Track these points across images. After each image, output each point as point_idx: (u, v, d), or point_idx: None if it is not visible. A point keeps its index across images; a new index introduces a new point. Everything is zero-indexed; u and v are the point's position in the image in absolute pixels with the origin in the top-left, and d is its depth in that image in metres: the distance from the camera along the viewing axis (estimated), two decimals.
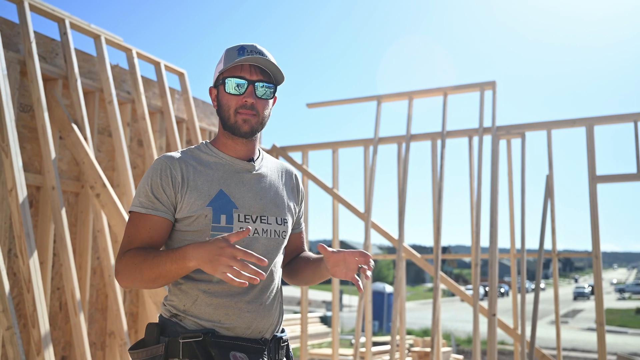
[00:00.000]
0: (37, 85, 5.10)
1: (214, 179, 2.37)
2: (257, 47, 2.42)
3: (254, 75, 2.40)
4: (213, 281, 2.30)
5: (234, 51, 2.41)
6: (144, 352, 2.32)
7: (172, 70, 7.07)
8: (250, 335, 2.34)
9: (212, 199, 2.33)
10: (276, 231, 2.45)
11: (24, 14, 5.21)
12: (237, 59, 2.36)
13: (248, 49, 2.40)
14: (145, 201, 2.32)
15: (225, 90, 2.40)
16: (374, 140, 8.25)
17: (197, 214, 2.31)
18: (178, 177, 2.33)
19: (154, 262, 2.21)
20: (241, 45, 2.42)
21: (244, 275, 2.04)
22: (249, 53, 2.39)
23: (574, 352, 19.91)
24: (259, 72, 2.41)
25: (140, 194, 2.35)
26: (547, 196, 7.50)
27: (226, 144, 2.46)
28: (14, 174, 4.66)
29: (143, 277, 2.23)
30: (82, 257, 5.63)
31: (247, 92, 2.38)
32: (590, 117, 7.28)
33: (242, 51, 2.39)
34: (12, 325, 4.31)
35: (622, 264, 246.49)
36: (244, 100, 2.38)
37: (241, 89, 2.38)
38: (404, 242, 7.83)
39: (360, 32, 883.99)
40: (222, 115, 2.43)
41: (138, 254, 2.25)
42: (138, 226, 2.32)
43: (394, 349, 7.37)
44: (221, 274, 2.05)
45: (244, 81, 2.38)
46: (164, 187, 2.32)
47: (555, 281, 7.64)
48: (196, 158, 2.43)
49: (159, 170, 2.34)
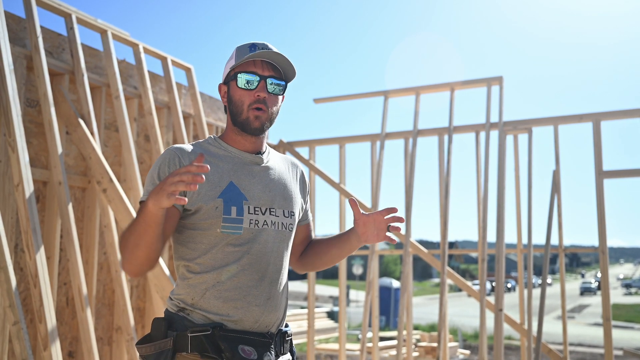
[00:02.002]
0: (44, 80, 5.11)
1: (224, 171, 2.38)
2: (269, 45, 2.44)
3: (265, 71, 2.42)
4: (222, 274, 2.31)
5: (245, 48, 2.43)
6: (151, 347, 2.32)
7: (179, 65, 7.07)
8: (258, 329, 2.34)
9: (222, 190, 2.34)
10: (284, 224, 2.46)
11: (30, 9, 5.21)
12: (248, 55, 2.38)
13: (260, 45, 2.42)
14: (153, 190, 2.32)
15: (237, 84, 2.41)
16: (381, 135, 8.24)
17: (208, 205, 2.31)
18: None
19: (131, 226, 2.20)
20: (253, 43, 2.44)
21: (188, 182, 1.99)
22: (261, 49, 2.41)
23: (580, 347, 19.89)
24: (271, 68, 2.44)
25: (149, 183, 2.35)
26: (554, 191, 7.47)
27: (235, 140, 2.48)
28: (20, 169, 4.66)
29: (129, 247, 2.21)
30: (89, 252, 5.64)
31: (259, 87, 2.40)
32: (597, 113, 7.25)
33: (254, 47, 2.42)
34: (19, 320, 4.32)
35: (628, 259, 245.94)
36: (257, 95, 2.40)
37: (253, 84, 2.40)
38: (411, 237, 7.82)
39: (369, 28, 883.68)
40: (234, 111, 2.44)
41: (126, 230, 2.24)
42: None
43: (400, 344, 7.37)
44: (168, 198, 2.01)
45: (256, 76, 2.40)
46: None
47: (562, 276, 7.62)
48: (205, 150, 2.43)
49: (168, 159, 2.35)
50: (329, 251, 2.68)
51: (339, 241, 2.64)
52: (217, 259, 2.32)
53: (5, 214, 4.79)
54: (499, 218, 7.27)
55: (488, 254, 7.55)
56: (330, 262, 2.72)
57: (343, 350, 8.50)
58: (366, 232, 2.50)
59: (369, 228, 2.50)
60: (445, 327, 7.43)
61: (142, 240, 2.18)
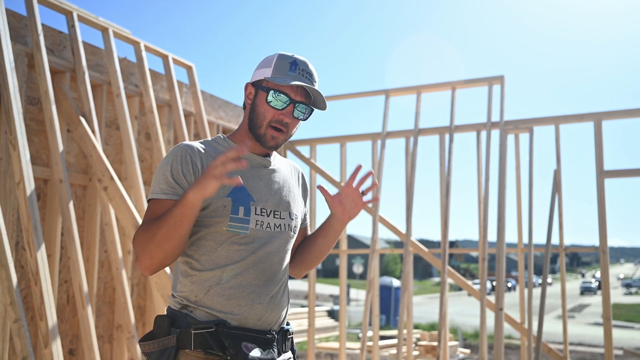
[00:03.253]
0: (45, 78, 5.11)
1: (233, 172, 2.38)
2: (309, 67, 2.43)
3: (298, 96, 2.40)
4: (225, 272, 2.31)
5: (286, 62, 2.40)
6: (155, 344, 2.32)
7: (180, 63, 7.07)
8: (260, 327, 2.35)
9: (231, 190, 2.34)
10: (288, 225, 2.48)
11: (31, 7, 5.21)
12: (287, 74, 2.37)
13: (300, 66, 2.40)
14: (166, 187, 2.31)
15: (267, 100, 2.39)
16: (382, 134, 8.24)
17: (216, 203, 2.31)
18: (198, 164, 2.34)
19: (162, 219, 2.19)
20: (294, 59, 2.41)
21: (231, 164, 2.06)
22: (301, 72, 2.39)
23: (580, 346, 19.88)
24: (303, 94, 2.42)
25: (160, 180, 2.33)
26: (554, 191, 7.47)
27: (245, 141, 2.47)
28: (21, 166, 4.66)
29: (156, 240, 2.20)
30: (90, 250, 5.64)
31: (286, 110, 2.39)
32: (599, 112, 7.24)
33: (294, 68, 2.40)
34: (20, 318, 4.33)
35: (629, 259, 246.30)
36: (281, 117, 2.39)
37: (283, 105, 2.38)
38: (411, 236, 7.82)
39: (370, 28, 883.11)
40: (254, 120, 2.43)
41: (149, 224, 2.24)
42: (157, 211, 2.29)
43: (400, 343, 7.37)
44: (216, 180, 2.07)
45: (288, 100, 2.38)
46: (185, 172, 2.31)
47: (563, 276, 7.62)
48: (215, 149, 2.44)
49: (179, 156, 2.34)
50: (316, 243, 2.69)
51: (321, 230, 2.65)
52: (221, 257, 2.32)
53: (6, 212, 4.79)
54: (500, 217, 7.26)
55: (489, 254, 7.54)
56: (319, 254, 2.72)
57: (343, 349, 8.51)
58: (345, 209, 2.51)
59: (346, 204, 2.50)
60: (445, 326, 7.43)
61: (175, 232, 2.18)
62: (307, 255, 2.74)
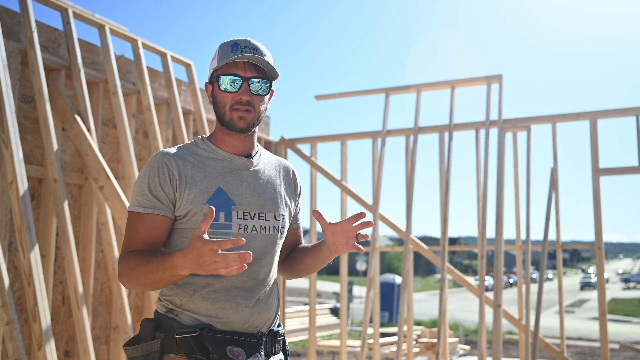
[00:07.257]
0: (39, 76, 5.07)
1: (212, 176, 2.36)
2: (251, 42, 2.39)
3: (248, 72, 2.37)
4: (211, 277, 2.29)
5: (227, 47, 2.38)
6: (139, 348, 2.31)
7: (178, 61, 7.03)
8: (247, 330, 2.33)
9: (210, 196, 2.32)
10: (275, 227, 2.45)
11: (25, 3, 5.17)
12: (230, 56, 2.34)
13: (242, 44, 2.37)
14: (143, 200, 2.30)
15: (220, 87, 2.37)
16: (382, 132, 8.23)
17: (195, 210, 2.29)
18: (175, 173, 2.32)
19: (147, 269, 2.19)
20: (235, 41, 2.38)
21: (233, 266, 2.00)
22: (243, 49, 2.36)
23: (579, 341, 19.91)
24: (253, 68, 2.39)
25: (138, 193, 2.32)
26: (551, 188, 7.52)
27: (224, 140, 2.44)
28: (14, 166, 4.63)
29: (140, 282, 2.23)
30: (86, 250, 5.61)
31: (241, 89, 2.36)
32: (594, 111, 7.31)
33: (236, 47, 2.37)
34: (12, 320, 4.30)
35: (627, 254, 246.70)
36: (239, 98, 2.36)
37: (236, 85, 2.36)
38: (411, 233, 7.82)
39: (371, 27, 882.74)
40: (218, 112, 2.41)
41: (134, 257, 2.24)
42: (137, 226, 2.30)
43: (401, 340, 7.38)
44: (216, 272, 2.02)
45: (238, 78, 2.36)
46: (162, 184, 2.30)
47: (559, 272, 7.70)
48: (193, 154, 2.41)
49: (156, 167, 2.32)
50: (305, 259, 2.65)
51: (312, 250, 2.60)
52: None
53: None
54: (498, 214, 7.28)
55: (488, 250, 7.57)
56: (305, 271, 2.68)
57: (344, 347, 8.49)
58: (335, 242, 2.41)
59: (337, 238, 2.41)
60: (445, 323, 7.44)
61: (159, 284, 2.23)
62: (295, 267, 2.70)
